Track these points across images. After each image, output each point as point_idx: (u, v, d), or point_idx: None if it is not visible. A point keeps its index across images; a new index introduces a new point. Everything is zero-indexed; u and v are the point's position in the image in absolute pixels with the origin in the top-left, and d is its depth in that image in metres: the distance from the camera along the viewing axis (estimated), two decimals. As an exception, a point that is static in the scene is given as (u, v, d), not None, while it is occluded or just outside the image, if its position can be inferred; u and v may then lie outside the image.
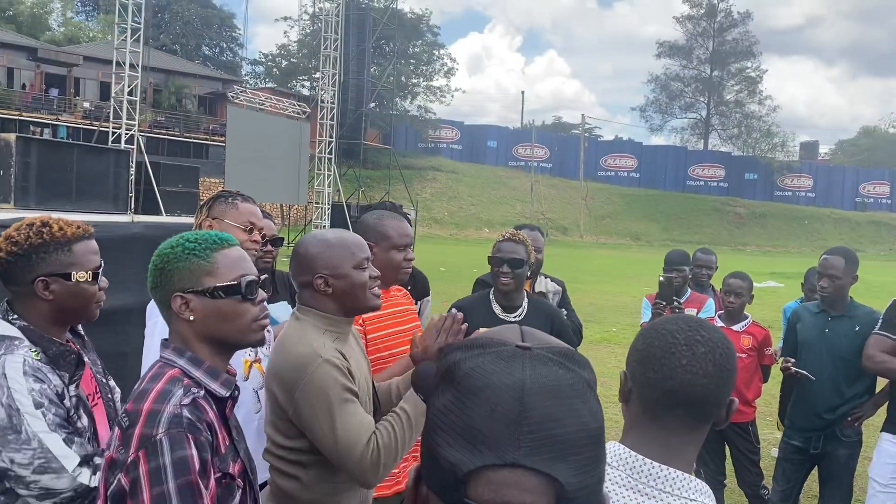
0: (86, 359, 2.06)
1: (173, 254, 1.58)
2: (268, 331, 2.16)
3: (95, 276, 1.94)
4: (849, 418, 3.67)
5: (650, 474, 1.18)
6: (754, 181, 54.01)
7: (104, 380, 2.11)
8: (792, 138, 59.48)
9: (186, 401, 1.46)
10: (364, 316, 2.65)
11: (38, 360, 1.80)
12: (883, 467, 3.51)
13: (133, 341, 5.14)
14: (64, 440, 1.74)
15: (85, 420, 1.86)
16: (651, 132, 64.48)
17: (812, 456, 3.79)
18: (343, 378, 1.96)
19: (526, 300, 3.29)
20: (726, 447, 4.24)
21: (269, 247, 3.52)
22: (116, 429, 1.46)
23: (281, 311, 2.89)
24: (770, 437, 5.83)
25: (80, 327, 2.14)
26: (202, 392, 1.52)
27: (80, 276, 1.89)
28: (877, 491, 3.53)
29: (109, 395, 2.08)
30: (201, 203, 2.64)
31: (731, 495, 4.54)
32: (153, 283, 1.60)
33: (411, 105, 50.26)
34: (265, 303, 1.70)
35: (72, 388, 1.85)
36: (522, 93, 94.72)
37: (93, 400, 1.98)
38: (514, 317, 3.24)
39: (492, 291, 3.31)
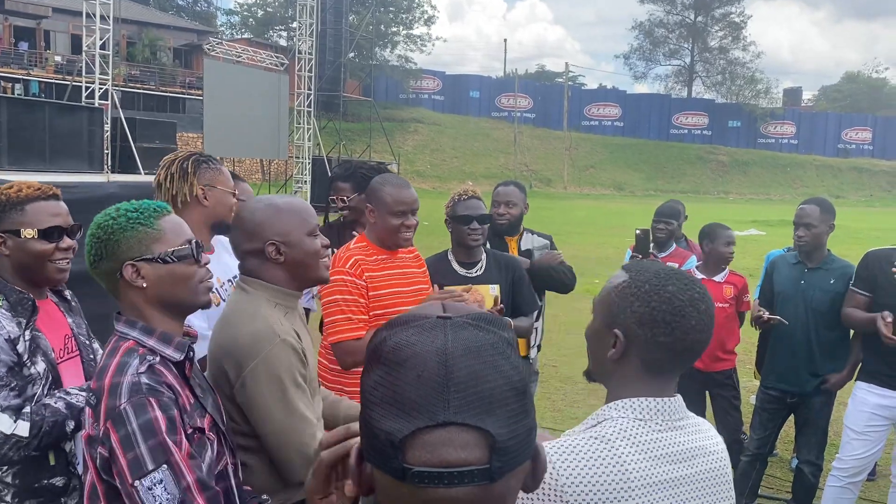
0: (69, 320, 2.16)
1: (117, 224, 1.59)
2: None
3: (46, 235, 2.01)
4: (823, 386, 3.75)
5: (672, 410, 1.28)
6: (738, 129, 53.98)
7: (87, 342, 2.20)
8: (776, 84, 59.43)
9: (143, 368, 1.51)
10: (368, 273, 2.71)
11: (0, 307, 1.93)
12: (858, 415, 3.60)
13: (115, 302, 5.13)
14: None
15: (41, 366, 1.96)
16: (635, 80, 63.94)
17: (788, 404, 3.87)
18: (298, 363, 1.89)
19: (484, 254, 3.34)
20: (706, 398, 4.31)
21: None
22: (87, 408, 1.53)
23: None
24: (748, 384, 5.94)
25: (67, 293, 2.23)
26: (157, 358, 1.56)
27: (27, 232, 1.99)
28: (851, 438, 3.63)
29: (91, 356, 2.17)
30: (175, 165, 2.44)
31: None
32: (96, 256, 1.60)
33: (391, 55, 49.50)
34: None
35: (27, 332, 1.95)
36: (505, 41, 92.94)
37: (63, 356, 2.08)
38: (475, 272, 3.28)
39: (449, 250, 3.35)
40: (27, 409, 1.88)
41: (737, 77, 56.19)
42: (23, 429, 1.84)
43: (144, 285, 1.59)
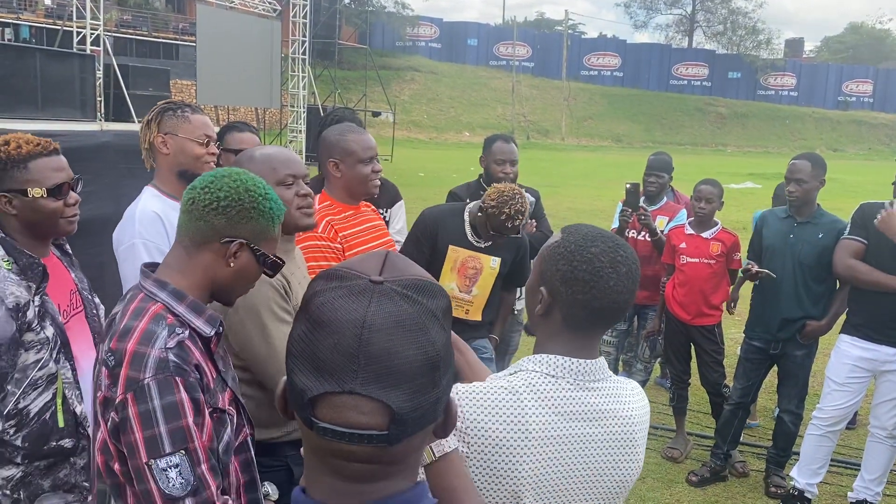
0: (73, 275, 2.15)
1: (263, 206, 1.55)
2: None
3: (54, 192, 1.98)
4: (802, 333, 3.82)
5: (587, 371, 1.33)
6: (738, 80, 53.38)
7: (90, 296, 2.19)
8: (777, 35, 58.36)
9: (172, 343, 1.44)
10: (342, 233, 2.69)
11: (9, 270, 1.89)
12: (839, 367, 3.69)
13: (108, 251, 5.16)
14: None
15: (50, 331, 1.94)
16: (635, 29, 63.03)
17: (771, 356, 3.96)
18: (278, 297, 1.96)
19: None
20: (692, 348, 4.41)
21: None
22: (102, 367, 1.46)
23: None
24: (737, 336, 6.05)
25: (67, 246, 2.22)
26: (187, 332, 1.49)
27: (35, 192, 1.95)
28: (832, 389, 3.73)
29: (94, 311, 2.20)
30: (146, 117, 2.52)
31: (694, 392, 4.76)
32: (222, 209, 1.51)
33: (388, 0, 48.45)
34: None
35: (36, 298, 1.92)
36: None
37: (70, 313, 2.07)
38: (484, 242, 3.31)
39: (467, 211, 3.33)
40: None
41: (738, 27, 55.30)
42: None
43: (231, 265, 1.55)
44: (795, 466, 3.93)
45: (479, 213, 3.22)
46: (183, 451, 1.40)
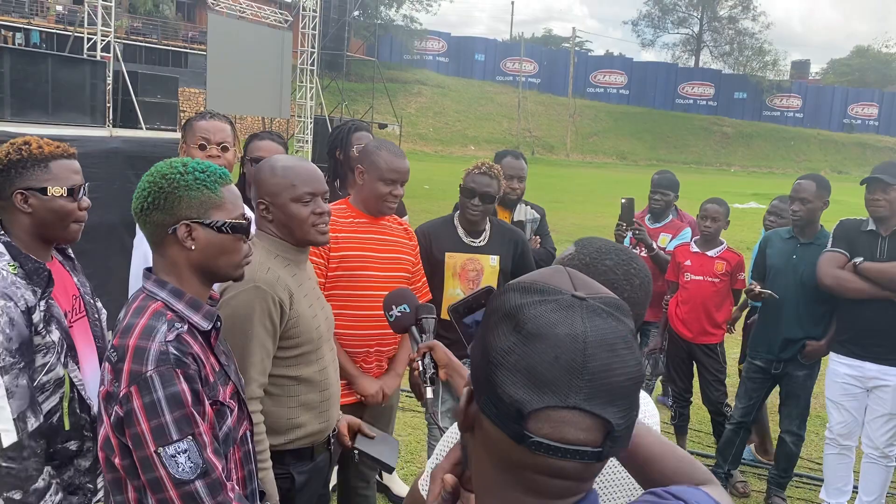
0: (75, 279, 2.14)
1: (183, 180, 1.57)
2: None
3: (71, 193, 2.00)
4: (803, 353, 3.83)
5: None
6: (743, 100, 53.50)
7: (92, 301, 2.19)
8: (784, 56, 58.49)
9: (171, 336, 1.50)
10: (334, 234, 2.68)
11: (15, 274, 1.88)
12: (833, 386, 3.76)
13: (115, 256, 5.18)
14: None
15: (55, 335, 1.93)
16: (642, 47, 63.28)
17: (773, 376, 3.96)
18: (267, 315, 1.97)
19: (488, 224, 3.38)
20: (694, 367, 4.41)
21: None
22: (106, 363, 1.52)
23: None
24: (739, 355, 6.04)
25: (69, 250, 2.22)
26: (185, 326, 1.55)
27: (55, 190, 1.96)
28: (832, 408, 3.79)
29: (96, 316, 2.19)
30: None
31: (696, 411, 4.75)
32: (152, 205, 1.57)
33: (396, 14, 48.73)
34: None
35: (42, 303, 1.92)
36: (512, 2, 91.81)
37: (73, 317, 2.06)
38: (479, 241, 3.33)
39: (456, 216, 3.37)
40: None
41: (745, 48, 55.50)
42: (8, 437, 1.76)
43: (193, 248, 1.59)
44: (823, 489, 3.94)
45: (463, 197, 3.26)
46: (190, 437, 1.46)
